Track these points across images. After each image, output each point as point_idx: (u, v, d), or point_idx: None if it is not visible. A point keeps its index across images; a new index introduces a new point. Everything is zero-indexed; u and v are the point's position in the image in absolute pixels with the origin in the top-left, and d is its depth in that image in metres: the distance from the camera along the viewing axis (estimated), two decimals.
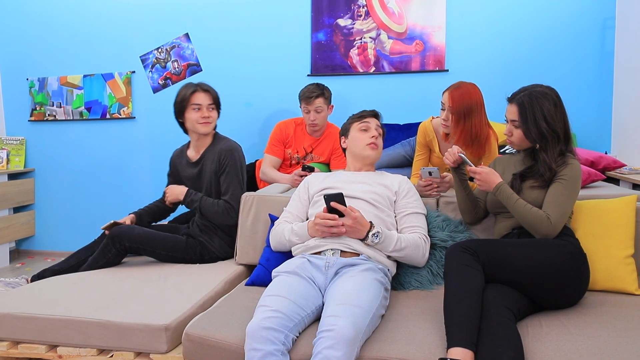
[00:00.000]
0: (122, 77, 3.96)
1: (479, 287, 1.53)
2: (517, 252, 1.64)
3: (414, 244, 1.88)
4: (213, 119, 2.47)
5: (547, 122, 1.75)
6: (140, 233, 2.31)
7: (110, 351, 1.77)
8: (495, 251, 1.63)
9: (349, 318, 1.43)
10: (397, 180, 2.07)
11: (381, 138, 2.14)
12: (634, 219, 1.90)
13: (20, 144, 4.11)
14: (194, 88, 2.46)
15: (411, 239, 1.88)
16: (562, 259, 1.63)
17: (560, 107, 1.79)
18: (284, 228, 2.01)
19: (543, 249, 1.65)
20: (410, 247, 1.87)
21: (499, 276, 1.61)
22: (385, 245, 1.82)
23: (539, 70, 3.38)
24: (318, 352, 1.39)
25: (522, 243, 1.70)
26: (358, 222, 1.78)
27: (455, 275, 1.56)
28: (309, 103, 3.07)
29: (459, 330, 1.43)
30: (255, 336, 1.45)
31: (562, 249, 1.65)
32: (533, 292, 1.63)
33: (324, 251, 1.84)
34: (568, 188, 1.73)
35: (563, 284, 1.63)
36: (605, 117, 3.33)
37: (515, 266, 1.61)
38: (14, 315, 1.83)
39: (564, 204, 1.71)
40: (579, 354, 1.39)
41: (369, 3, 3.57)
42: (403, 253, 1.86)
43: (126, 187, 4.03)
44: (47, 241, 4.20)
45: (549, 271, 1.61)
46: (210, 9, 3.81)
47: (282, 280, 1.72)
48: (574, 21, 3.32)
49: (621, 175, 2.66)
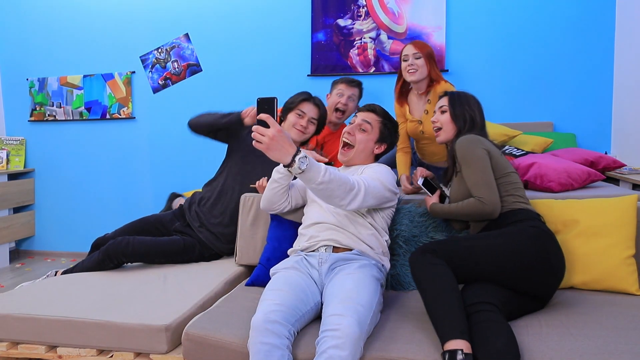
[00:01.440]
0: (122, 78, 3.96)
1: (452, 279, 1.54)
2: (478, 244, 1.66)
3: (344, 179, 1.63)
4: (309, 132, 2.40)
5: (470, 107, 1.99)
6: (136, 248, 2.29)
7: (110, 351, 1.77)
8: (456, 247, 1.65)
9: (353, 317, 1.43)
10: (367, 166, 1.99)
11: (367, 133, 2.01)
12: (635, 219, 1.89)
13: (20, 144, 4.11)
14: (307, 97, 2.41)
15: (343, 175, 1.65)
16: (522, 242, 1.64)
17: (479, 106, 2.02)
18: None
19: (504, 237, 1.68)
20: (338, 182, 1.60)
21: (467, 271, 1.62)
22: (313, 175, 1.53)
23: (538, 71, 3.38)
24: (323, 352, 1.38)
25: (482, 235, 1.73)
26: (282, 137, 1.46)
27: (424, 276, 1.56)
28: (349, 86, 3.03)
29: (449, 323, 1.43)
30: (260, 329, 1.43)
31: (523, 234, 1.67)
32: (507, 282, 1.63)
33: (317, 248, 1.84)
34: (468, 165, 1.81)
35: (531, 266, 1.63)
36: (605, 117, 3.33)
37: (479, 259, 1.62)
38: (13, 316, 1.82)
39: (478, 180, 1.78)
40: (579, 354, 1.39)
41: (368, 3, 3.57)
42: (329, 186, 1.58)
43: (126, 187, 4.03)
44: (47, 241, 4.20)
45: (514, 257, 1.62)
46: (210, 10, 3.81)
47: (282, 275, 1.72)
48: (574, 21, 3.32)
49: (621, 175, 2.66)
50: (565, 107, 3.37)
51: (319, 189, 1.58)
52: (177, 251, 2.36)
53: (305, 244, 1.89)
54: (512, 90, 3.43)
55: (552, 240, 1.70)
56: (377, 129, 2.02)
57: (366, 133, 2.01)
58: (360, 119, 2.02)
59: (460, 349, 1.36)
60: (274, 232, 2.18)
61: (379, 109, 2.07)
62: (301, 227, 1.98)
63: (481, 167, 1.80)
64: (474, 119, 1.98)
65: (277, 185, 1.97)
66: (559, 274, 1.69)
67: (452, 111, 1.99)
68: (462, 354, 1.35)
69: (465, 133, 1.93)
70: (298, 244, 1.94)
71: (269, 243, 2.17)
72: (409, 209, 2.14)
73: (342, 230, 1.85)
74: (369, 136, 2.01)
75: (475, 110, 1.99)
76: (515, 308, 1.63)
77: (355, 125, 2.02)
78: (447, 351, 1.38)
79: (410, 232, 2.07)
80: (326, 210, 1.91)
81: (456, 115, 1.98)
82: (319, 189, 1.58)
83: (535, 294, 1.67)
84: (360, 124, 2.01)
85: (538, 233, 1.68)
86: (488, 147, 1.87)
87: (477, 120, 1.98)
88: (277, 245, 2.13)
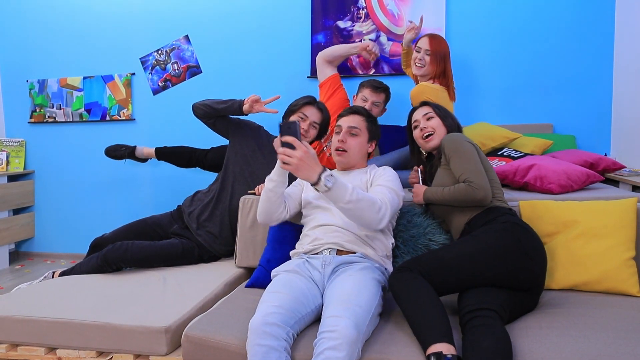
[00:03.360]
0: (122, 79, 3.96)
1: (430, 290, 1.55)
2: (450, 250, 1.68)
3: (370, 199, 1.71)
4: (310, 135, 2.38)
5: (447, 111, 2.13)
6: (135, 253, 2.28)
7: (109, 353, 1.77)
8: (428, 259, 1.66)
9: (351, 318, 1.43)
10: (372, 171, 2.01)
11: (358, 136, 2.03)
12: (634, 221, 1.90)
13: (20, 145, 4.11)
14: (310, 101, 2.39)
15: (367, 194, 1.73)
16: (495, 237, 1.66)
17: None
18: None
19: (473, 238, 1.70)
20: (366, 202, 1.69)
21: (447, 280, 1.62)
22: (340, 193, 1.63)
23: (538, 72, 3.38)
24: (320, 353, 1.38)
25: (453, 243, 1.75)
26: (309, 158, 1.57)
27: (402, 292, 1.57)
28: (373, 92, 2.90)
29: (429, 329, 1.43)
30: (258, 331, 1.44)
31: (492, 230, 1.70)
32: (491, 280, 1.62)
33: (321, 251, 1.85)
34: (458, 155, 1.87)
35: (509, 259, 1.63)
36: (605, 119, 3.33)
37: (453, 264, 1.63)
38: (13, 318, 1.82)
39: (469, 167, 1.84)
40: (579, 355, 1.39)
41: (368, 5, 3.57)
42: (358, 205, 1.67)
43: (126, 188, 4.03)
44: (46, 243, 4.20)
45: (487, 254, 1.63)
46: (210, 11, 3.81)
47: (282, 278, 1.73)
48: (574, 22, 3.33)
49: (621, 177, 2.66)
50: (564, 109, 3.37)
51: (347, 208, 1.67)
52: (176, 255, 2.36)
53: (308, 247, 1.89)
54: (512, 92, 3.43)
55: (521, 227, 1.72)
56: (365, 130, 2.05)
57: (357, 137, 2.03)
58: (346, 125, 2.03)
59: (441, 351, 1.36)
60: (274, 234, 2.18)
61: (361, 109, 2.09)
62: (306, 229, 1.98)
63: (471, 156, 1.87)
64: (454, 119, 2.10)
65: (272, 195, 1.89)
66: (537, 258, 1.69)
67: (439, 113, 2.08)
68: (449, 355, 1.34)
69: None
70: (301, 246, 1.94)
71: (268, 245, 2.17)
72: (407, 209, 2.14)
73: (348, 233, 1.86)
74: (360, 139, 2.04)
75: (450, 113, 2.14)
76: (517, 306, 1.63)
77: (344, 132, 2.03)
78: (432, 354, 1.37)
79: (409, 233, 2.07)
80: (335, 213, 1.91)
81: (445, 117, 2.08)
82: (347, 208, 1.67)
83: (525, 286, 1.67)
84: (349, 130, 2.02)
85: (506, 227, 1.70)
86: (474, 143, 1.95)
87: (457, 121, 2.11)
88: (277, 246, 2.13)
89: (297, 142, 1.57)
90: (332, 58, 3.21)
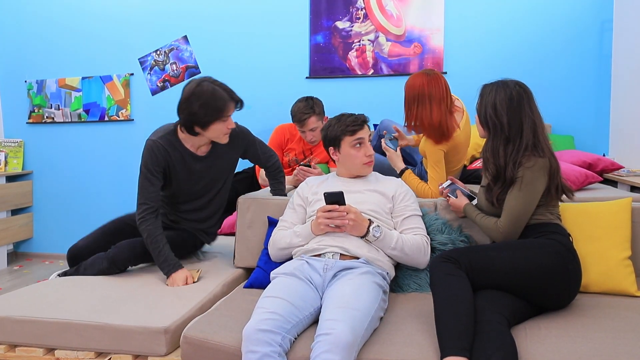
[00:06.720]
0: (121, 80, 3.96)
1: (467, 293, 1.53)
2: (500, 255, 1.65)
3: (415, 243, 1.88)
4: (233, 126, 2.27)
5: (494, 109, 1.77)
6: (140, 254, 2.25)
7: (108, 354, 1.77)
8: (478, 257, 1.64)
9: (347, 322, 1.43)
10: (392, 185, 2.04)
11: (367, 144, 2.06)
12: (629, 221, 1.90)
13: (18, 146, 4.11)
14: (228, 99, 2.22)
15: (412, 238, 1.89)
16: (547, 259, 1.63)
17: (518, 102, 1.76)
18: (283, 234, 2.00)
19: (527, 250, 1.66)
20: (412, 247, 1.87)
21: (486, 282, 1.61)
22: (386, 242, 1.83)
23: (537, 73, 3.39)
24: (316, 356, 1.39)
25: (505, 246, 1.71)
26: (359, 216, 1.82)
27: (440, 285, 1.56)
28: (302, 125, 3.04)
29: (451, 338, 1.42)
30: (251, 338, 1.45)
31: (547, 249, 1.65)
32: (523, 294, 1.63)
33: (324, 254, 1.85)
34: (520, 190, 1.72)
35: (551, 283, 1.62)
36: (603, 119, 3.34)
37: (499, 270, 1.61)
38: (11, 319, 1.82)
39: (513, 207, 1.74)
40: (577, 356, 1.39)
41: (367, 5, 3.57)
42: (404, 252, 1.86)
43: (124, 189, 4.02)
44: (45, 244, 4.19)
45: (534, 272, 1.61)
46: (208, 11, 3.81)
47: (280, 281, 1.72)
48: (572, 23, 3.33)
49: (619, 177, 2.67)
50: (563, 109, 3.38)
51: (394, 254, 1.87)
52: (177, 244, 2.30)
53: (313, 245, 1.88)
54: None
55: (572, 255, 1.69)
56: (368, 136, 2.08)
57: (368, 144, 2.04)
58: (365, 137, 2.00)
59: None
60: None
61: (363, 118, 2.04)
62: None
63: (527, 199, 1.73)
64: (500, 123, 1.79)
65: (292, 248, 1.96)
66: (575, 288, 1.69)
67: (477, 111, 1.87)
68: None
69: (493, 140, 1.79)
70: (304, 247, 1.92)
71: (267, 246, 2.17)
72: None
73: (354, 237, 1.86)
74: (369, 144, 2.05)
75: (504, 111, 1.77)
76: (525, 316, 1.63)
77: (366, 144, 2.01)
78: None
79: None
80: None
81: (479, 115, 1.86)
82: (393, 254, 1.86)
83: (551, 307, 1.68)
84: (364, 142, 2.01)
85: (559, 250, 1.66)
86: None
87: (506, 127, 1.77)
88: None
89: (347, 207, 1.81)
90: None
